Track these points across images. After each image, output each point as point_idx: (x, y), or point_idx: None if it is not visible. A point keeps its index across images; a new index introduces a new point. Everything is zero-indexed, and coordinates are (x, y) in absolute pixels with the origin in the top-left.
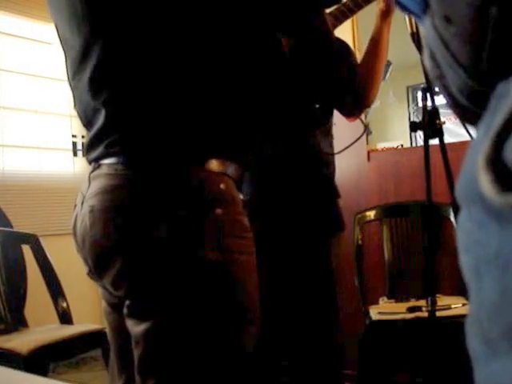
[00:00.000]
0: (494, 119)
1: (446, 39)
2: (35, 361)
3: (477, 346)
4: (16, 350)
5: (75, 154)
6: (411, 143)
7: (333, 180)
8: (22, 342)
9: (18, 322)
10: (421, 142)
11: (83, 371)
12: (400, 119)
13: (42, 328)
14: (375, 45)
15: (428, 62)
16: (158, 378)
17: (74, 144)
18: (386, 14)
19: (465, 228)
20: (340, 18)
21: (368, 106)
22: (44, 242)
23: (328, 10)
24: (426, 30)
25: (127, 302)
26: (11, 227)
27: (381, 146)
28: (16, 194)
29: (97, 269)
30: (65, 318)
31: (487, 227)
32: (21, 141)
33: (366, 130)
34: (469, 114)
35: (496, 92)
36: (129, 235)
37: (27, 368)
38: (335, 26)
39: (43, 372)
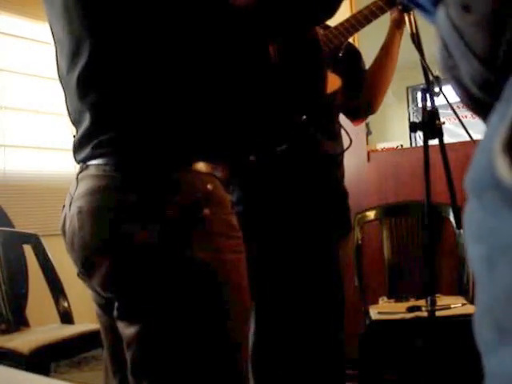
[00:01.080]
0: (509, 107)
1: (461, 29)
2: (37, 360)
3: (488, 335)
4: (17, 349)
5: None
6: (411, 143)
7: (342, 180)
8: (23, 341)
9: (19, 322)
10: (420, 143)
11: (85, 371)
12: (400, 119)
13: (43, 328)
14: (386, 53)
15: (440, 53)
16: (152, 379)
17: None
18: (399, 24)
19: (475, 218)
20: (357, 26)
21: (374, 111)
22: (45, 242)
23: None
24: (438, 20)
25: (117, 304)
26: (12, 227)
27: (381, 146)
28: (17, 194)
29: (86, 270)
30: (66, 317)
31: (502, 214)
32: (22, 141)
33: (352, 142)
34: (480, 105)
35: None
36: (117, 236)
37: (29, 368)
38: (351, 34)
39: (45, 372)
